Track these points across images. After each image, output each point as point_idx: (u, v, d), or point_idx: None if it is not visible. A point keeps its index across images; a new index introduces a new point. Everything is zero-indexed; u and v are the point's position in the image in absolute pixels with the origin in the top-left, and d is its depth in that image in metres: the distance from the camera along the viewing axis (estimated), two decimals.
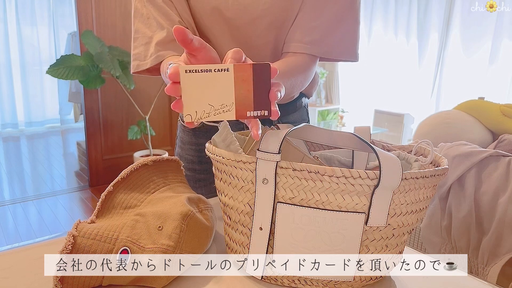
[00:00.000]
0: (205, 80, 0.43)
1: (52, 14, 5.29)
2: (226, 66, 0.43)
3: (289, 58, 0.77)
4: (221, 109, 0.44)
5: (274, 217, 0.54)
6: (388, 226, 0.54)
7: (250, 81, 0.44)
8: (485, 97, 2.41)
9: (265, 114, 0.45)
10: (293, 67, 0.75)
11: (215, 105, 0.44)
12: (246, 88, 0.44)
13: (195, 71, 0.43)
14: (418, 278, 0.63)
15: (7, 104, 5.27)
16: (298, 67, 0.76)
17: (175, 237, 0.56)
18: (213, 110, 0.44)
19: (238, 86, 0.44)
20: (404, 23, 3.75)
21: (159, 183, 0.68)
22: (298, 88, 0.79)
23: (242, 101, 0.44)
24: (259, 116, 0.45)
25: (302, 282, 0.57)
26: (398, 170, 0.50)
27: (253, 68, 0.43)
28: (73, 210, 3.13)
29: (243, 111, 0.44)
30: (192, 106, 0.44)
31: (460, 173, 1.49)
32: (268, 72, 0.44)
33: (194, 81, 0.43)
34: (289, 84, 0.73)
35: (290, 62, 0.76)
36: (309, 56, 0.77)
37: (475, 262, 1.47)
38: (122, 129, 3.56)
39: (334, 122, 4.36)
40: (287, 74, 0.72)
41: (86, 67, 2.96)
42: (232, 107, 0.44)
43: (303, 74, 0.78)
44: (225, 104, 0.44)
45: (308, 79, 0.82)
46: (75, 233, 0.54)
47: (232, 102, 0.44)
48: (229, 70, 0.43)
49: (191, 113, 0.44)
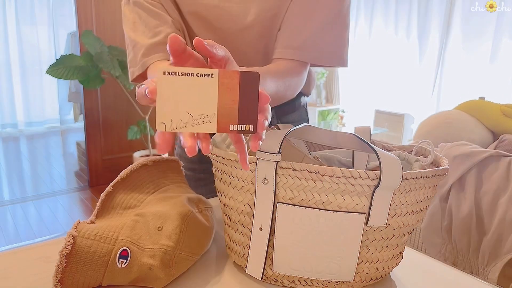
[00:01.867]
0: (185, 85, 0.38)
1: (52, 14, 5.29)
2: (211, 72, 0.38)
3: (279, 63, 0.76)
4: (200, 119, 0.39)
5: (274, 217, 0.54)
6: (389, 226, 0.54)
7: (236, 90, 0.38)
8: (485, 97, 2.41)
9: (250, 129, 0.39)
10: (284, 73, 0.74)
11: (194, 115, 0.39)
12: (231, 98, 0.38)
13: (174, 74, 0.38)
14: (418, 278, 0.63)
15: (7, 104, 5.26)
16: (289, 73, 0.75)
17: (175, 237, 0.56)
18: (191, 120, 0.38)
19: (222, 95, 0.38)
20: (405, 23, 3.75)
21: (159, 183, 0.68)
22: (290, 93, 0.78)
23: (225, 112, 0.39)
24: (243, 131, 0.39)
25: (302, 283, 0.57)
26: (398, 170, 0.49)
27: (240, 76, 0.38)
28: (73, 210, 3.13)
29: (226, 124, 0.39)
30: (167, 114, 0.38)
31: (460, 173, 1.49)
32: (257, 82, 0.39)
33: (172, 85, 0.38)
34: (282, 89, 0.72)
35: (281, 68, 0.74)
36: (299, 62, 0.76)
37: (476, 263, 1.47)
38: (122, 129, 3.56)
39: (334, 122, 4.36)
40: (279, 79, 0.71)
41: (86, 67, 2.96)
42: (214, 118, 0.39)
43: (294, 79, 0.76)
44: (205, 114, 0.39)
45: (301, 84, 0.81)
46: (74, 234, 0.54)
47: (214, 113, 0.39)
48: (213, 76, 0.38)
49: (165, 122, 0.38)
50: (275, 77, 0.69)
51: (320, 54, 0.77)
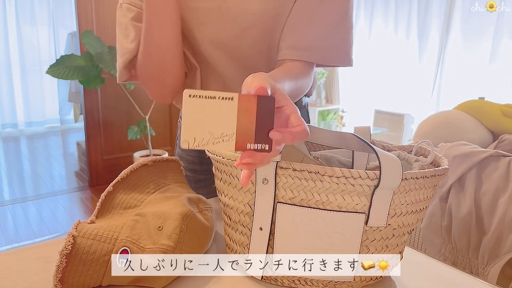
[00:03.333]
0: (208, 107, 0.42)
1: (52, 14, 5.29)
2: (231, 95, 0.42)
3: (287, 65, 0.76)
4: (220, 138, 0.43)
5: (274, 217, 0.54)
6: (388, 226, 0.54)
7: (253, 113, 0.42)
8: (485, 97, 2.41)
9: (266, 148, 0.43)
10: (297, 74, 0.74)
11: (215, 134, 0.43)
12: (248, 120, 0.42)
13: (199, 97, 0.42)
14: (418, 278, 0.63)
15: (7, 104, 5.26)
16: (300, 74, 0.75)
17: (175, 237, 0.56)
18: (212, 139, 0.43)
19: (240, 117, 0.42)
20: (404, 23, 3.75)
21: (159, 183, 0.68)
22: (300, 94, 0.78)
23: (243, 132, 0.43)
24: (259, 150, 0.43)
25: (302, 282, 0.57)
26: (398, 170, 0.49)
27: (257, 99, 0.42)
28: (73, 210, 3.13)
29: (244, 143, 0.43)
30: (191, 133, 0.42)
31: (460, 173, 1.49)
32: (273, 106, 0.43)
33: (196, 106, 0.42)
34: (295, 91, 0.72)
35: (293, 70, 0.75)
36: (306, 63, 0.77)
37: (475, 262, 1.47)
38: (122, 129, 3.56)
39: (334, 122, 4.36)
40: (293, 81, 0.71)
41: (86, 67, 2.96)
42: (233, 137, 0.43)
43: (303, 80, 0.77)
44: (225, 133, 0.43)
45: (309, 84, 0.81)
46: (75, 233, 0.54)
47: (233, 133, 0.42)
48: (233, 99, 0.42)
49: (189, 140, 0.42)
50: (291, 79, 0.69)
51: (327, 54, 0.78)
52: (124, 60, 0.78)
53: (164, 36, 0.73)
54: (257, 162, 0.44)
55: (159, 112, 3.71)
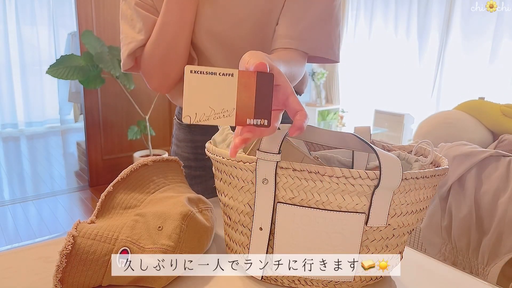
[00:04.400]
0: (209, 83, 0.43)
1: (52, 14, 5.29)
2: (231, 71, 0.43)
3: (280, 52, 0.80)
4: (221, 113, 0.44)
5: (274, 217, 0.54)
6: (388, 226, 0.54)
7: (253, 89, 0.44)
8: (485, 97, 2.41)
9: (265, 123, 0.44)
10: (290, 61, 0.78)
11: (216, 109, 0.44)
12: (248, 95, 0.44)
13: (200, 73, 0.43)
14: (418, 278, 0.63)
15: (7, 104, 5.27)
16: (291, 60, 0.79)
17: (175, 237, 0.56)
18: (213, 114, 0.44)
19: (240, 92, 0.44)
20: (404, 23, 3.75)
21: (159, 183, 0.68)
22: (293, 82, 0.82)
23: (243, 108, 0.44)
24: (258, 125, 0.44)
25: (302, 282, 0.57)
26: (398, 170, 0.49)
27: (257, 75, 0.44)
28: (73, 210, 3.13)
29: (243, 118, 0.44)
30: (193, 108, 0.43)
31: (460, 173, 1.49)
32: (271, 82, 0.44)
33: (198, 82, 0.43)
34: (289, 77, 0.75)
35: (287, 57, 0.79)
36: (298, 52, 0.81)
37: (475, 262, 1.47)
38: (122, 129, 3.56)
39: (334, 122, 4.36)
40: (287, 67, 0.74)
41: (86, 67, 2.96)
42: (233, 112, 0.44)
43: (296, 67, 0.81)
44: (226, 109, 0.44)
45: (301, 74, 0.85)
46: (75, 233, 0.54)
47: (233, 108, 0.44)
48: (233, 76, 0.43)
49: (190, 115, 0.43)
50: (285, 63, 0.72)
51: (315, 45, 0.82)
52: (130, 48, 0.81)
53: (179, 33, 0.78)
54: (256, 137, 0.46)
55: (159, 112, 3.71)
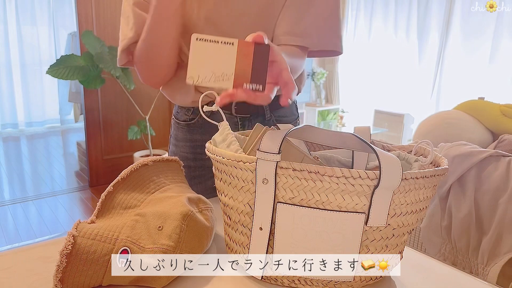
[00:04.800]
0: (212, 50, 0.49)
1: (52, 14, 5.29)
2: (232, 41, 0.49)
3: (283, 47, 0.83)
4: (221, 77, 0.49)
5: (274, 217, 0.54)
6: (388, 226, 0.54)
7: (250, 57, 0.49)
8: (485, 97, 2.41)
9: (260, 88, 0.50)
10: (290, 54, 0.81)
11: (216, 73, 0.49)
12: (246, 63, 0.49)
13: (204, 40, 0.48)
14: (417, 278, 0.63)
15: (7, 104, 5.26)
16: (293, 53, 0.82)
17: (175, 237, 0.56)
18: (214, 77, 0.49)
19: (239, 60, 0.49)
20: (404, 23, 3.75)
21: (159, 183, 0.68)
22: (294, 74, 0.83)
23: (241, 73, 0.49)
24: (254, 90, 0.50)
25: (302, 282, 0.57)
26: (398, 170, 0.50)
27: (254, 46, 0.49)
28: (73, 210, 3.13)
29: (241, 82, 0.49)
30: (196, 70, 0.49)
31: (460, 173, 1.49)
32: (267, 53, 0.49)
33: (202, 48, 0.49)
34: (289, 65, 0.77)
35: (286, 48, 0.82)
36: (300, 47, 0.84)
37: (475, 262, 1.47)
38: (122, 129, 3.56)
39: (334, 122, 4.36)
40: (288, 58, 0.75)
41: (86, 67, 2.96)
42: (231, 77, 0.49)
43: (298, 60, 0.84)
44: (225, 73, 0.49)
45: (301, 67, 0.89)
46: (75, 233, 0.54)
47: (232, 73, 0.49)
48: (233, 45, 0.49)
49: (193, 76, 0.49)
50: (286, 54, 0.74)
51: (320, 40, 0.86)
52: (123, 44, 0.85)
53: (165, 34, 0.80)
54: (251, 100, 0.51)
55: (159, 112, 3.71)
